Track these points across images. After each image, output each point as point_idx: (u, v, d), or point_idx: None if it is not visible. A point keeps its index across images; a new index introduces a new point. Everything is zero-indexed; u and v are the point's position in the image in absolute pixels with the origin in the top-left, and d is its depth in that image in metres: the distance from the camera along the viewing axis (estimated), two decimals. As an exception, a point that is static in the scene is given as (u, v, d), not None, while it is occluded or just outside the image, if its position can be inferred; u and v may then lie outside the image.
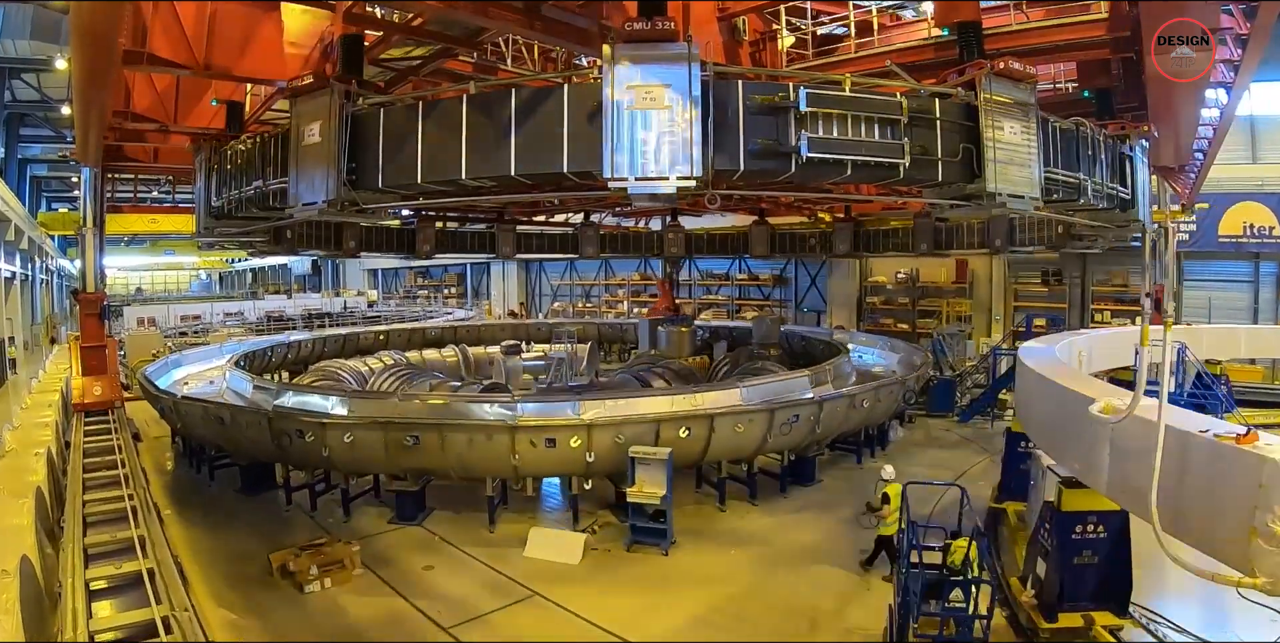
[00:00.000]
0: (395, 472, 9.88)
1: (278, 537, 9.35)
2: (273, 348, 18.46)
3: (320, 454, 9.57)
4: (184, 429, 12.36)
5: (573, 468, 9.50)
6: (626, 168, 6.94)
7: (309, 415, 9.92)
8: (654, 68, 7.02)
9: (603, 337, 23.86)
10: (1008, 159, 7.91)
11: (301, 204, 8.27)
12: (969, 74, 8.08)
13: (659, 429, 9.45)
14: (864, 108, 7.41)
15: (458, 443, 9.28)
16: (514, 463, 9.24)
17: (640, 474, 9.04)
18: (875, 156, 7.46)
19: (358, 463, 9.97)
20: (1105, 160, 9.53)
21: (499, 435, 9.20)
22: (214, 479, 11.86)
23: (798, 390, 11.48)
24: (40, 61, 22.67)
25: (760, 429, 10.05)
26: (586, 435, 9.20)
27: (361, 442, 9.42)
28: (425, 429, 9.30)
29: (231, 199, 9.81)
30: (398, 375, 15.30)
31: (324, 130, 8.09)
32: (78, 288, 14.22)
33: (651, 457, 9.02)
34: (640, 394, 11.34)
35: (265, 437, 9.96)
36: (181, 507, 10.72)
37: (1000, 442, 13.39)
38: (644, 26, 7.05)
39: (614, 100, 6.98)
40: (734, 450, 10.21)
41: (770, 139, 7.25)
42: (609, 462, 9.39)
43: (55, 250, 35.92)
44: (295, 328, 28.71)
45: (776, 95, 7.25)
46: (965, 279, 22.80)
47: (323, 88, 8.20)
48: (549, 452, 9.23)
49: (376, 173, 8.08)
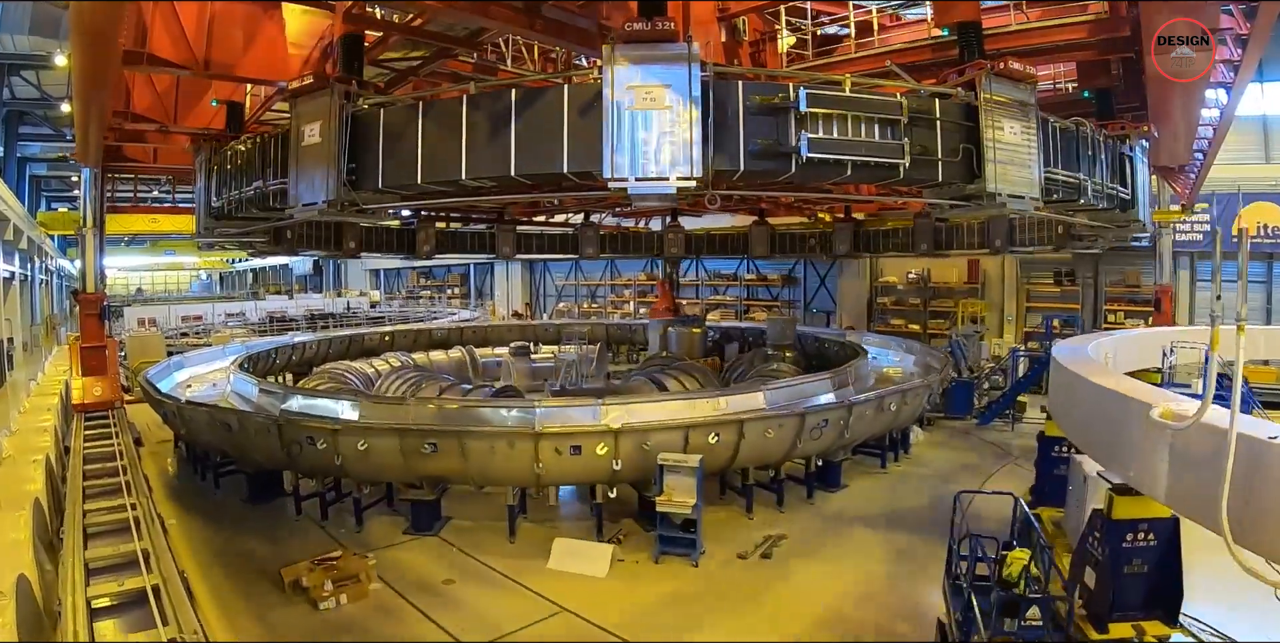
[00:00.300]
0: (411, 480, 9.46)
1: (289, 549, 9.01)
2: (276, 350, 18.13)
3: (333, 462, 9.24)
4: (188, 435, 11.90)
5: (597, 476, 9.14)
6: (627, 168, 6.94)
7: (320, 422, 9.51)
8: (654, 68, 7.02)
9: (611, 338, 23.55)
10: (1008, 159, 7.92)
11: (301, 205, 8.28)
12: (969, 74, 8.08)
13: (688, 435, 9.10)
14: (864, 108, 7.41)
15: (478, 451, 8.91)
16: (537, 471, 8.86)
17: (669, 482, 8.67)
18: (875, 157, 7.46)
19: (372, 471, 9.60)
20: (1105, 160, 9.53)
21: (522, 443, 8.80)
22: (219, 487, 11.46)
23: (820, 394, 11.28)
24: (39, 57, 22.34)
25: (790, 434, 9.77)
26: (613, 443, 8.84)
27: (377, 449, 9.07)
28: (444, 436, 8.93)
29: (231, 199, 9.81)
30: (405, 378, 15.02)
31: (324, 131, 8.09)
32: (78, 288, 14.25)
33: (682, 464, 8.65)
34: (661, 398, 11.07)
35: (274, 443, 9.64)
36: (186, 516, 10.35)
37: (1020, 444, 13.64)
38: (644, 27, 7.06)
39: (614, 100, 6.98)
40: (762, 456, 9.90)
41: (770, 139, 7.25)
42: (635, 469, 9.04)
43: (55, 250, 35.68)
44: (298, 329, 28.38)
45: (776, 96, 7.25)
46: (977, 280, 22.65)
47: (323, 88, 8.20)
48: (574, 460, 8.86)
49: (376, 173, 8.08)
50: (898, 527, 9.71)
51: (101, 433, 10.36)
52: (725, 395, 10.45)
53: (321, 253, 14.93)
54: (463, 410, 9.84)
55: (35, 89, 25.84)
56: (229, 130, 10.79)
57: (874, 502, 10.66)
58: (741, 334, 21.50)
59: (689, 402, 10.11)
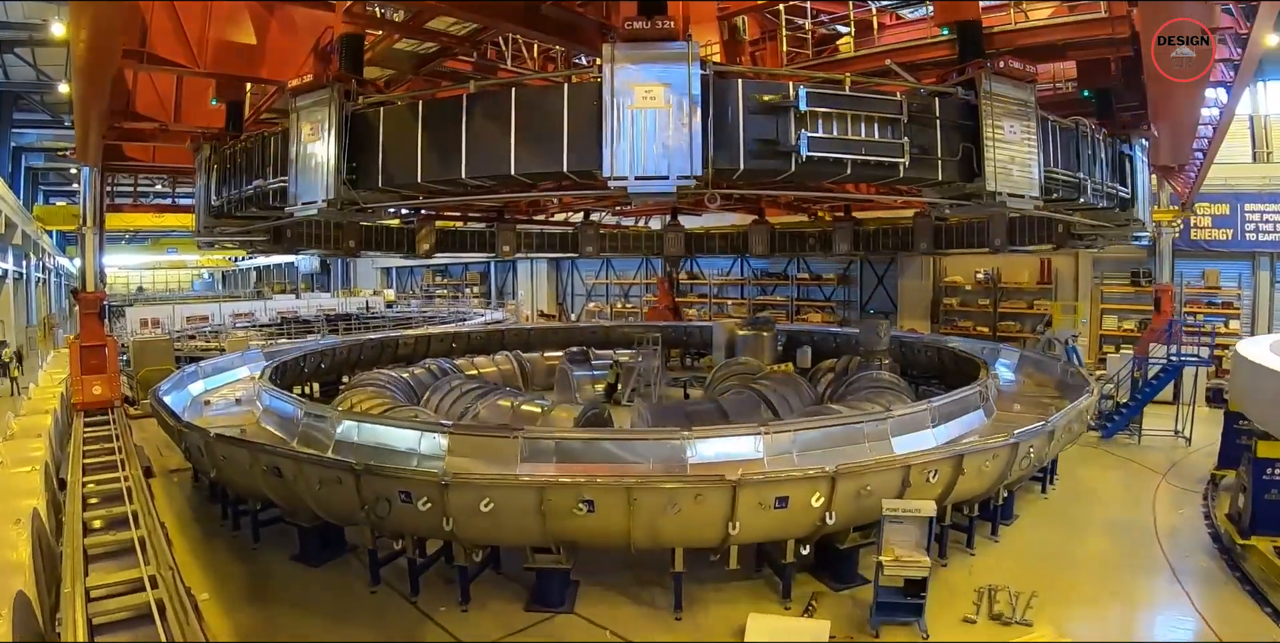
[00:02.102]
0: (546, 544, 7.39)
1: (368, 634, 7.03)
2: (305, 357, 16.08)
3: (440, 525, 7.07)
4: (221, 477, 9.27)
5: (801, 530, 7.43)
6: (626, 167, 6.94)
7: (419, 473, 7.40)
8: (654, 67, 7.02)
9: (664, 340, 21.26)
10: (1008, 159, 7.93)
11: (301, 203, 8.27)
12: (969, 73, 8.10)
13: (908, 476, 7.58)
14: (864, 107, 7.42)
15: (651, 507, 6.92)
16: (731, 531, 6.99)
17: (889, 535, 7.11)
18: (875, 156, 7.47)
19: (493, 534, 7.50)
20: (1105, 160, 9.54)
21: (713, 496, 6.91)
22: (259, 539, 9.10)
23: (971, 411, 9.98)
24: (35, 28, 19.91)
25: (1002, 466, 8.45)
26: (828, 490, 7.16)
27: (507, 508, 7.00)
28: (605, 492, 6.93)
29: (231, 198, 9.81)
30: (463, 391, 13.09)
31: (324, 130, 8.10)
32: (77, 287, 14.28)
33: (910, 514, 7.11)
34: (835, 423, 8.97)
35: (349, 498, 7.44)
36: (220, 585, 7.88)
37: (1155, 460, 12.81)
38: (644, 26, 7.07)
39: (614, 99, 6.98)
40: (972, 492, 8.53)
41: (770, 138, 7.26)
42: (848, 520, 7.56)
43: (53, 248, 35.23)
44: (317, 331, 26.77)
45: (777, 94, 7.27)
46: (1049, 280, 21.84)
47: (322, 87, 8.21)
48: (776, 513, 7.11)
49: (376, 172, 8.08)
50: (1118, 564, 8.61)
51: (105, 463, 8.96)
52: (941, 423, 9.17)
53: (321, 251, 14.95)
54: (590, 444, 8.09)
55: (31, 68, 23.20)
56: (229, 129, 10.79)
57: (1057, 532, 9.52)
58: (811, 338, 19.66)
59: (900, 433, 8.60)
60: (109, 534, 6.51)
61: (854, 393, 12.61)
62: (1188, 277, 19.77)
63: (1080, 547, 9.12)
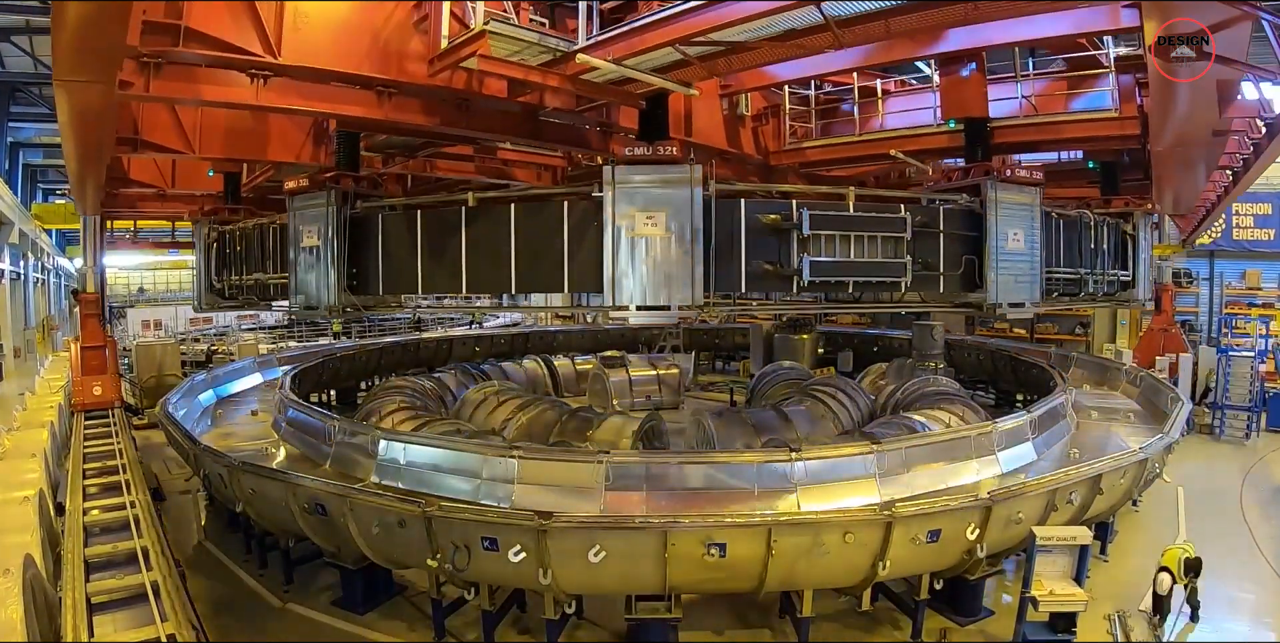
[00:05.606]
0: (659, 593, 6.27)
1: None
2: (324, 363, 14.97)
3: (535, 577, 5.86)
4: (250, 510, 7.86)
5: (945, 564, 6.70)
6: (628, 297, 6.98)
7: (513, 518, 5.94)
8: (655, 192, 7.01)
9: (693, 343, 20.64)
10: (1009, 269, 7.95)
11: (303, 308, 8.30)
12: (974, 177, 8.05)
13: (1053, 500, 6.97)
14: (868, 227, 7.40)
15: (793, 549, 5.98)
16: (881, 571, 6.13)
17: (1040, 566, 6.47)
18: (878, 276, 7.50)
19: (599, 585, 6.36)
20: (1108, 249, 9.54)
21: (864, 533, 6.05)
22: (291, 581, 7.87)
23: (1062, 422, 9.32)
24: (35, 10, 18.11)
25: (1130, 484, 8.00)
26: (982, 520, 6.46)
27: (620, 554, 5.86)
28: (740, 535, 5.93)
29: (232, 284, 9.80)
30: (500, 401, 11.65)
31: (321, 235, 8.07)
32: (77, 288, 14.38)
33: (1065, 542, 6.56)
34: (943, 438, 8.09)
35: (415, 543, 6.24)
36: (248, 633, 6.87)
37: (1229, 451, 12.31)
38: (645, 151, 7.01)
39: (615, 225, 6.99)
40: (1098, 513, 7.92)
41: (772, 261, 7.27)
42: (993, 550, 6.82)
43: (52, 247, 34.69)
44: (328, 334, 25.73)
45: (779, 215, 7.23)
46: None
47: (319, 189, 8.15)
48: (925, 548, 6.34)
49: (377, 280, 8.13)
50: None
51: (109, 484, 7.81)
52: (1039, 435, 8.41)
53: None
54: (681, 468, 6.98)
55: (29, 58, 21.53)
56: (227, 201, 10.70)
57: (1163, 545, 7.81)
58: (852, 340, 18.51)
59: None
60: (116, 577, 5.54)
61: (922, 401, 11.20)
62: (1228, 277, 19.30)
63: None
